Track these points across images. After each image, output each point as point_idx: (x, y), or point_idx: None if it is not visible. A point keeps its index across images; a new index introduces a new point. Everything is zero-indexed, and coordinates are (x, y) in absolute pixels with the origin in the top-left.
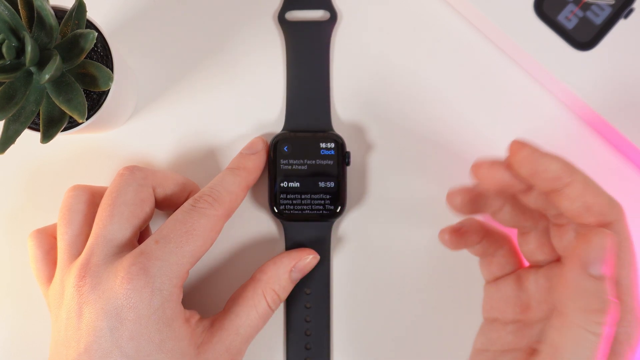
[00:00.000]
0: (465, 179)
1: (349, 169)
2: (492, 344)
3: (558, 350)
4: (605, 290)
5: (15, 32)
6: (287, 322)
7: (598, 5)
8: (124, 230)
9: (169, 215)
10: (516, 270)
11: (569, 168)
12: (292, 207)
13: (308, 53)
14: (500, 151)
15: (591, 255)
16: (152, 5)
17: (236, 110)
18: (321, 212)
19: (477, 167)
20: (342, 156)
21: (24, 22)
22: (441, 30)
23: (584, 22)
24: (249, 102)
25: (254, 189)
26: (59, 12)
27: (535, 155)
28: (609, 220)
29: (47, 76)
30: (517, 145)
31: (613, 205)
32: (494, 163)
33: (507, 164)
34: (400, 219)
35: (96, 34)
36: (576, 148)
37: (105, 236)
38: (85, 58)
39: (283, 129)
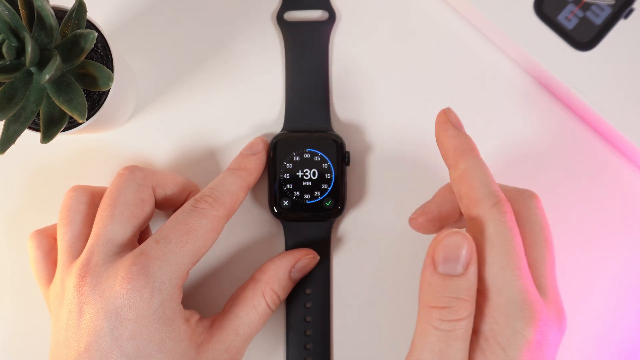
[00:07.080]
0: None
1: (348, 169)
2: None
3: (413, 344)
4: (452, 289)
5: (15, 32)
6: (287, 322)
7: (598, 6)
8: (124, 230)
9: (169, 215)
10: None
11: (461, 152)
12: (292, 207)
13: (307, 53)
14: (500, 150)
15: (438, 254)
16: (152, 5)
17: (236, 110)
18: (321, 212)
19: (414, 221)
20: (341, 156)
21: (24, 22)
22: (441, 30)
23: (584, 22)
24: (248, 102)
25: (254, 189)
26: (59, 12)
27: (441, 127)
28: (475, 214)
29: (47, 76)
30: (440, 114)
31: (489, 197)
32: (423, 212)
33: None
34: (400, 219)
35: (96, 34)
36: (576, 148)
37: (106, 236)
38: (85, 58)
39: (283, 129)
